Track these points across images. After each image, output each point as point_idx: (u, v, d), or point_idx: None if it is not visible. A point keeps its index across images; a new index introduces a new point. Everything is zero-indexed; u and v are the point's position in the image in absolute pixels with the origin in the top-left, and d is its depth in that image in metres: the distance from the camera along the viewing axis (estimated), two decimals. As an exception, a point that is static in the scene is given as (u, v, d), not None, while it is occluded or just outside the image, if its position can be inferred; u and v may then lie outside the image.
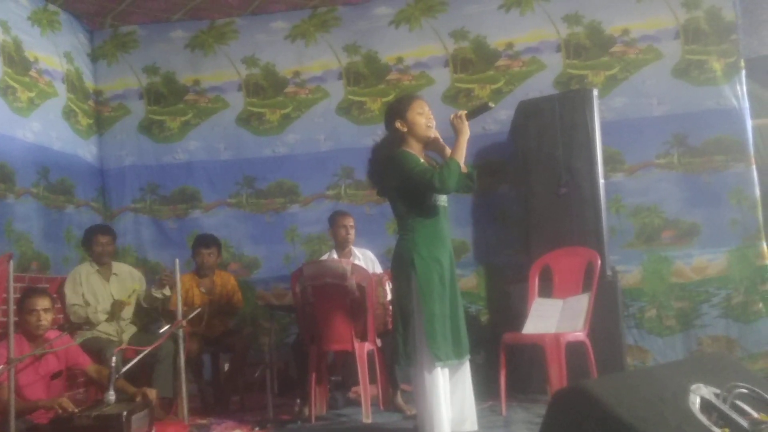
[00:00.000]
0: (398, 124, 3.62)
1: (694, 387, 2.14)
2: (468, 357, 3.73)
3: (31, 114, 5.54)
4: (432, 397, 3.47)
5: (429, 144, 3.73)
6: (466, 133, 3.59)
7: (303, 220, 6.25)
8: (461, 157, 3.54)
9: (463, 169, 3.59)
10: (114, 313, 4.90)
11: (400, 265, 3.55)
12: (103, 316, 4.89)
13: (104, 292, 4.99)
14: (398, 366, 3.57)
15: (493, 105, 3.79)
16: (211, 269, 5.39)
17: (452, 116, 3.63)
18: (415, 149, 3.65)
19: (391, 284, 3.66)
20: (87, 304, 4.90)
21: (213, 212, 6.40)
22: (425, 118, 3.64)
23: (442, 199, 3.66)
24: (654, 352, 5.51)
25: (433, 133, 3.70)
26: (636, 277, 5.60)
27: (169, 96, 6.54)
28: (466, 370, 3.74)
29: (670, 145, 5.68)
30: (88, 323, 4.84)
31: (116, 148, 6.56)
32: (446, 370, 3.58)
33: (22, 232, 5.31)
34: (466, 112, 3.67)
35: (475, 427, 3.70)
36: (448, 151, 3.66)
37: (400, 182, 3.55)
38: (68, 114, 6.05)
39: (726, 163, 5.57)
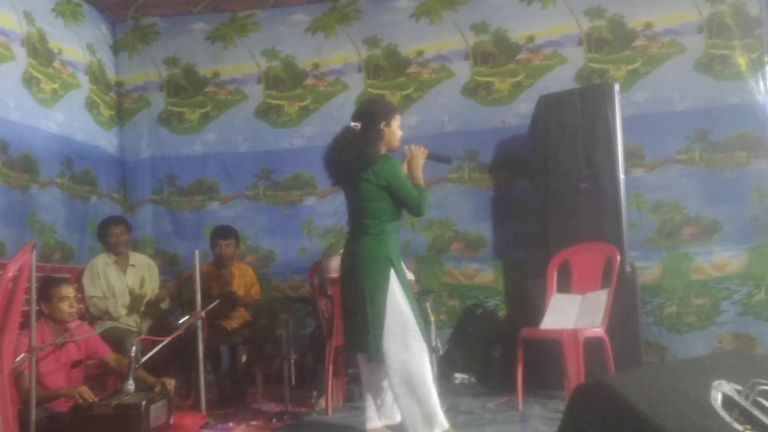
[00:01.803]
0: (382, 126, 3.61)
1: (715, 383, 2.11)
2: None
3: (54, 105, 5.59)
4: (430, 383, 3.50)
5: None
6: (421, 162, 3.72)
7: (320, 212, 6.26)
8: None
9: None
10: (134, 306, 4.93)
11: (377, 264, 3.51)
12: (123, 310, 4.92)
13: (121, 283, 5.03)
14: (374, 362, 3.52)
15: (451, 161, 4.08)
16: (230, 260, 5.42)
17: (413, 145, 3.75)
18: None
19: (362, 282, 3.53)
20: (105, 296, 4.94)
21: (230, 204, 6.43)
22: (400, 133, 3.71)
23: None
24: (673, 349, 5.48)
25: (407, 148, 3.78)
26: (656, 273, 5.57)
27: (189, 88, 6.57)
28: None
29: (692, 140, 5.63)
30: (108, 315, 4.87)
31: (136, 140, 6.61)
32: None
33: (46, 222, 5.36)
34: (428, 152, 3.76)
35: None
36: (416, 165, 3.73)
37: (390, 187, 3.53)
38: (91, 105, 6.09)
39: (748, 159, 5.51)
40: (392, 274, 3.50)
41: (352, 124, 3.63)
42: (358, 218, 3.65)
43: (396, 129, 3.67)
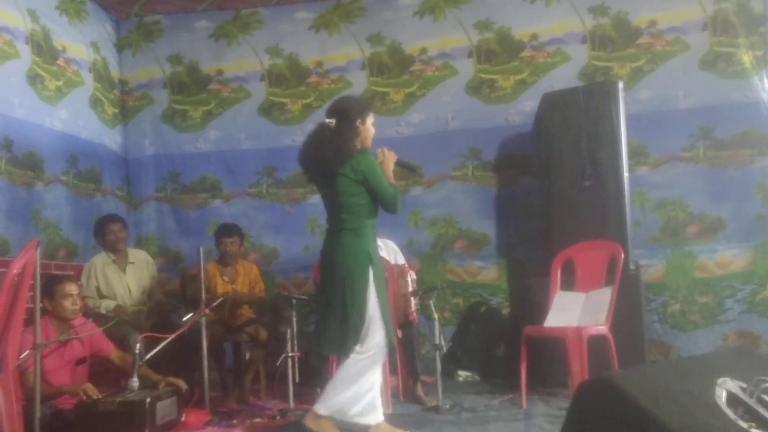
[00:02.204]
0: (358, 123, 3.63)
1: (720, 381, 2.11)
2: None
3: (59, 102, 5.59)
4: (374, 383, 3.58)
5: None
6: (392, 165, 3.77)
7: (323, 210, 6.21)
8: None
9: None
10: (117, 313, 4.85)
11: (356, 258, 3.55)
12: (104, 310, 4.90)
13: (121, 283, 5.02)
14: (344, 355, 3.55)
15: (418, 171, 4.15)
16: (234, 258, 5.42)
17: (384, 149, 3.78)
18: None
19: (342, 278, 3.56)
20: (101, 296, 4.94)
21: (233, 202, 6.44)
22: (373, 131, 3.73)
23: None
24: (677, 347, 5.47)
25: (376, 152, 3.78)
26: (659, 271, 5.56)
27: (192, 86, 6.58)
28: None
29: (696, 138, 5.62)
30: (98, 316, 4.82)
31: (140, 137, 6.61)
32: None
33: (51, 220, 5.37)
34: (398, 158, 3.81)
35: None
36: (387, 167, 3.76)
37: (367, 181, 3.56)
38: (95, 103, 6.10)
39: (752, 157, 5.51)
40: (370, 272, 3.54)
41: (327, 120, 3.64)
42: (336, 214, 3.67)
43: (370, 126, 3.70)
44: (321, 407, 3.56)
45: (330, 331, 3.57)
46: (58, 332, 3.95)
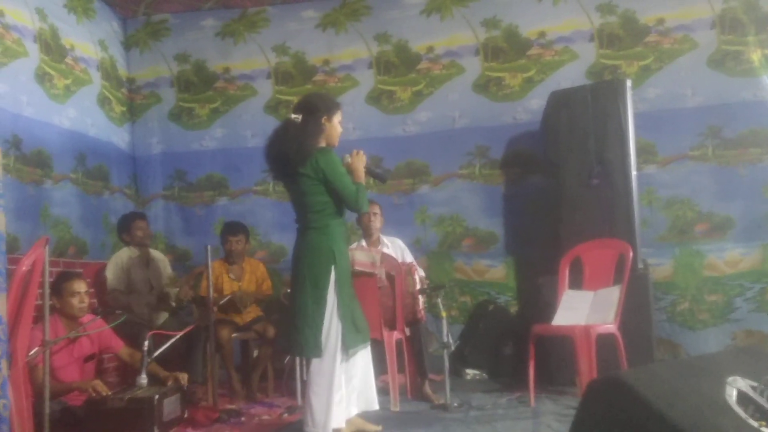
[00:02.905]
0: (324, 120, 3.60)
1: (730, 379, 2.11)
2: (368, 342, 3.72)
3: (67, 101, 5.61)
4: (334, 385, 3.48)
5: None
6: (361, 167, 3.73)
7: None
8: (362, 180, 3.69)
9: None
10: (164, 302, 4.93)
11: (320, 256, 3.51)
12: (145, 308, 4.95)
13: (143, 278, 5.07)
14: (305, 357, 3.53)
15: (386, 180, 4.10)
16: (240, 256, 5.43)
17: (354, 151, 3.76)
18: None
19: (304, 277, 3.54)
20: (129, 291, 4.98)
21: (239, 199, 6.45)
22: (340, 129, 3.71)
23: None
24: (685, 346, 5.46)
25: (344, 158, 3.76)
26: (668, 270, 5.55)
27: (199, 84, 6.59)
28: (368, 353, 3.73)
29: (705, 136, 5.60)
30: (128, 309, 4.88)
31: (147, 136, 6.63)
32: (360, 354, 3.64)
33: (60, 217, 5.38)
34: (367, 165, 3.78)
35: (377, 406, 3.75)
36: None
37: (328, 180, 3.52)
38: (103, 101, 6.12)
39: (761, 156, 5.49)
40: (333, 271, 3.50)
41: (293, 116, 3.61)
42: (302, 213, 3.63)
43: (337, 125, 3.66)
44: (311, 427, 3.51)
45: (295, 331, 3.52)
46: (67, 329, 3.97)
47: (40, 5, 5.38)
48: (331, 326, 3.48)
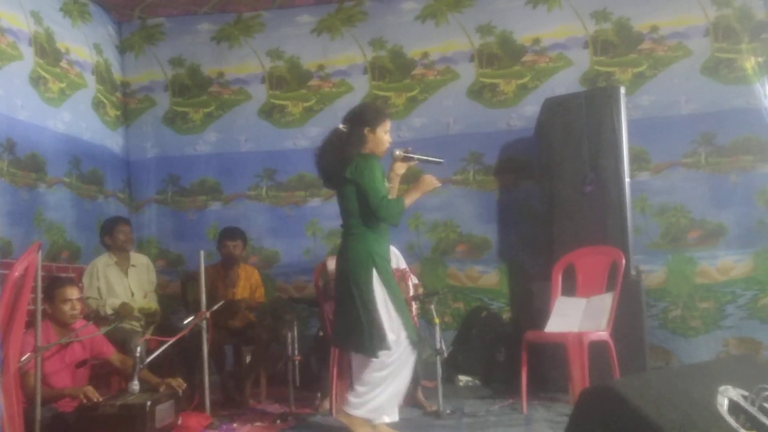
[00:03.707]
0: (366, 131, 3.66)
1: (722, 389, 2.12)
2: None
3: (61, 104, 5.60)
4: (396, 380, 3.62)
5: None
6: (425, 190, 3.78)
7: (324, 213, 6.25)
8: (409, 204, 3.69)
9: None
10: (120, 314, 4.80)
11: (360, 260, 3.60)
12: (110, 310, 4.87)
13: (122, 284, 5.00)
14: (374, 357, 3.57)
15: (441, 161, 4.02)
16: (236, 261, 5.42)
17: (428, 179, 3.78)
18: None
19: (348, 281, 3.63)
20: (101, 297, 4.93)
21: (233, 204, 6.44)
22: (387, 139, 3.74)
23: None
24: (678, 353, 5.47)
25: (393, 154, 3.79)
26: (660, 277, 5.56)
27: (194, 88, 6.59)
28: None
29: (698, 144, 5.62)
30: (98, 317, 4.81)
31: (141, 140, 6.62)
32: None
33: (54, 222, 5.37)
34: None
35: (397, 418, 3.81)
36: (394, 175, 3.81)
37: (358, 183, 3.60)
38: (97, 105, 6.11)
39: (754, 164, 5.51)
40: (375, 272, 3.56)
41: (341, 125, 3.72)
42: (344, 219, 3.74)
43: (382, 135, 3.70)
44: (353, 408, 3.62)
45: (345, 329, 3.66)
46: (59, 335, 3.95)
47: (36, 8, 5.38)
48: (389, 325, 3.54)
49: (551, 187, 5.36)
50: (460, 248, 6.02)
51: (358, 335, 3.58)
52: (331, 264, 4.69)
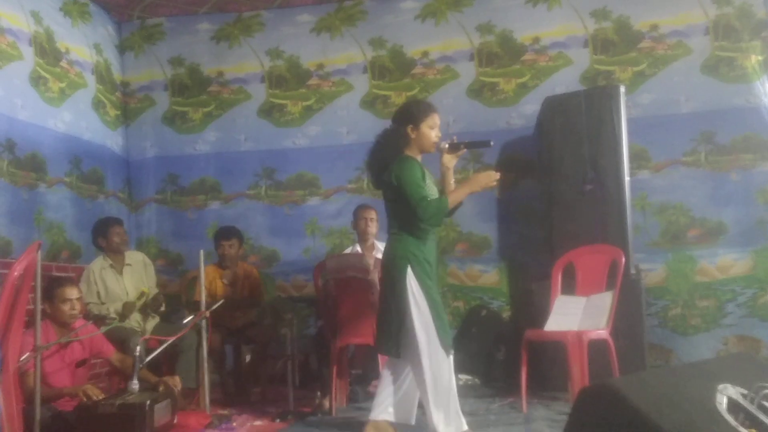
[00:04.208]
0: (409, 129, 3.62)
1: (721, 387, 2.12)
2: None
3: (62, 104, 5.60)
4: (446, 386, 3.52)
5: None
6: (477, 187, 3.70)
7: (323, 213, 6.26)
8: (455, 202, 3.62)
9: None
10: (125, 315, 4.86)
11: (395, 262, 3.55)
12: (114, 315, 4.89)
13: (118, 286, 4.98)
14: (396, 356, 3.55)
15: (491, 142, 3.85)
16: (233, 261, 5.42)
17: (485, 175, 3.68)
18: (416, 155, 3.66)
19: (385, 282, 3.61)
20: (102, 302, 4.93)
21: (232, 204, 6.44)
22: (435, 134, 3.66)
23: None
24: (677, 351, 5.47)
25: (438, 147, 3.70)
26: (660, 275, 5.56)
27: (193, 87, 6.59)
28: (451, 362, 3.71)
29: (698, 142, 5.62)
30: (103, 320, 4.82)
31: (141, 140, 6.62)
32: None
33: (54, 221, 5.37)
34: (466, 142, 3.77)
35: (413, 423, 3.79)
36: (445, 169, 3.73)
37: (397, 186, 3.54)
38: (97, 105, 6.11)
39: (754, 162, 5.51)
40: (409, 273, 3.48)
41: (391, 125, 3.70)
42: (388, 219, 3.71)
43: (427, 131, 3.61)
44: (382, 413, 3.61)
45: (379, 331, 3.64)
46: (59, 334, 3.95)
47: (36, 8, 5.38)
48: (421, 330, 3.47)
49: (551, 186, 5.36)
50: (460, 247, 6.02)
51: (386, 335, 3.55)
52: (331, 262, 4.71)
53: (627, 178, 5.09)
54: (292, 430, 4.20)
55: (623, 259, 4.51)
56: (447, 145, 3.71)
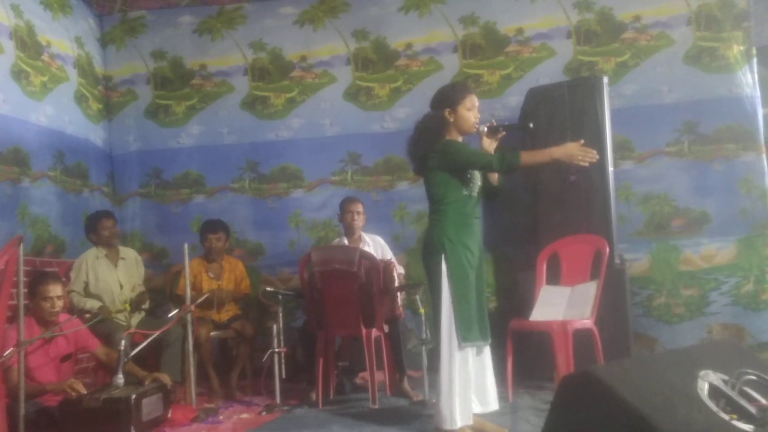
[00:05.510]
0: (447, 113, 3.59)
1: (702, 373, 2.13)
2: (489, 340, 3.65)
3: (44, 98, 5.54)
4: (454, 379, 3.43)
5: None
6: (557, 156, 3.62)
7: (307, 205, 6.24)
8: (532, 160, 3.61)
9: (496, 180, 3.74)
10: (138, 304, 4.93)
11: (431, 247, 3.53)
12: (119, 305, 4.90)
13: (112, 277, 5.00)
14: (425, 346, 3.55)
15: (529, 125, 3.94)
16: (219, 254, 5.41)
17: (576, 146, 3.63)
18: (458, 138, 3.65)
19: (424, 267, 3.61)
20: (89, 293, 4.91)
21: (216, 197, 6.40)
22: (473, 115, 3.64)
23: (475, 191, 3.63)
24: (662, 340, 5.51)
25: (477, 130, 3.69)
26: (644, 265, 5.59)
27: (176, 80, 6.54)
28: (488, 352, 3.66)
29: (681, 132, 5.66)
30: (81, 311, 4.79)
31: (124, 133, 6.57)
32: (473, 351, 3.54)
33: (39, 216, 5.32)
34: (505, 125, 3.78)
35: (497, 407, 3.65)
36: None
37: (457, 164, 3.52)
38: (80, 98, 6.05)
39: (737, 152, 5.54)
40: (442, 259, 3.45)
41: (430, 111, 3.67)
42: (430, 205, 3.66)
43: (465, 113, 3.60)
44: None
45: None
46: (42, 329, 3.93)
47: (16, 1, 5.31)
48: (445, 317, 3.44)
49: (535, 177, 5.37)
50: (445, 239, 6.01)
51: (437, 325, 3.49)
52: (316, 255, 4.70)
53: (611, 169, 5.10)
54: (279, 422, 4.20)
55: (607, 249, 4.54)
56: (486, 129, 3.70)
